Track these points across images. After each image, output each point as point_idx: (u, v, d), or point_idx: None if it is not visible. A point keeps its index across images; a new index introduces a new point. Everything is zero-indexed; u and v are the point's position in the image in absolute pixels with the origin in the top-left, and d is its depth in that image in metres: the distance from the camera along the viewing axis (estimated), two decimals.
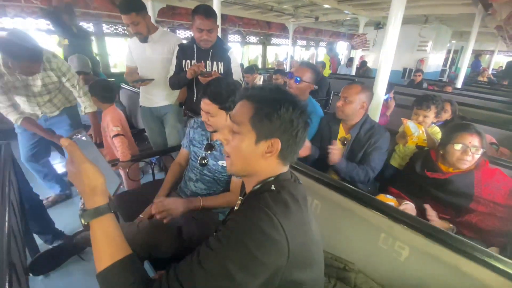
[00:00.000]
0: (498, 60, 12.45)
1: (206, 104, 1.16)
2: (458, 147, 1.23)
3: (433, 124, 1.75)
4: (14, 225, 0.92)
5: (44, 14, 3.58)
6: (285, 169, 0.68)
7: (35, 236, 1.56)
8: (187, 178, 1.35)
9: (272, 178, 0.65)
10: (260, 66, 8.40)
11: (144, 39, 1.82)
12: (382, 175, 1.61)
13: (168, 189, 1.38)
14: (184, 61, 1.80)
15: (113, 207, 0.59)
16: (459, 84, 4.44)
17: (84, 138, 0.71)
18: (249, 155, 0.64)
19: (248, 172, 0.68)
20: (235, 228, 0.56)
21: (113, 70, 5.54)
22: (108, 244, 0.56)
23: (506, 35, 2.00)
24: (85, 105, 1.99)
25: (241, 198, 0.75)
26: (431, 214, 1.24)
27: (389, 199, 1.42)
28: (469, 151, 1.21)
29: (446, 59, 8.24)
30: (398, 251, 0.86)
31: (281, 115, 0.61)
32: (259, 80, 1.72)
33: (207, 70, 1.77)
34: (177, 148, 1.80)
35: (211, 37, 1.69)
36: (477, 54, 10.57)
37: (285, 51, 8.82)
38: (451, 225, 1.25)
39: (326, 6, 4.45)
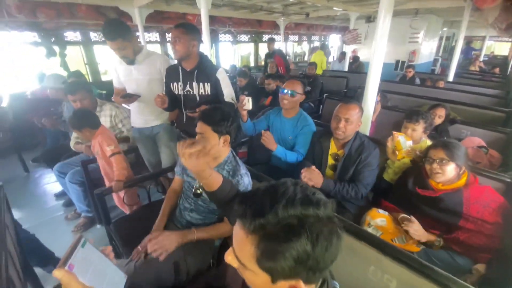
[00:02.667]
0: (489, 45, 12.43)
1: (199, 127, 1.19)
2: (427, 161, 1.34)
3: (423, 139, 1.77)
4: (14, 275, 0.94)
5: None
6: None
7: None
8: (182, 208, 1.36)
9: None
10: (252, 64, 8.34)
11: (131, 62, 1.81)
12: (375, 187, 1.64)
13: (166, 220, 1.38)
14: (171, 83, 1.81)
15: None
16: (450, 77, 4.45)
17: (81, 247, 0.67)
18: None
19: None
20: None
21: (104, 77, 5.47)
22: None
23: (496, 28, 2.01)
24: None
25: None
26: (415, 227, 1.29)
27: (380, 214, 1.45)
28: (435, 164, 1.30)
29: (438, 47, 8.19)
30: (387, 284, 0.90)
31: (297, 252, 0.46)
32: (248, 101, 1.70)
33: (193, 91, 1.77)
34: (172, 168, 1.81)
35: (176, 47, 1.63)
36: (468, 41, 10.54)
37: (277, 47, 8.73)
38: (437, 238, 1.29)
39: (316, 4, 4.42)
